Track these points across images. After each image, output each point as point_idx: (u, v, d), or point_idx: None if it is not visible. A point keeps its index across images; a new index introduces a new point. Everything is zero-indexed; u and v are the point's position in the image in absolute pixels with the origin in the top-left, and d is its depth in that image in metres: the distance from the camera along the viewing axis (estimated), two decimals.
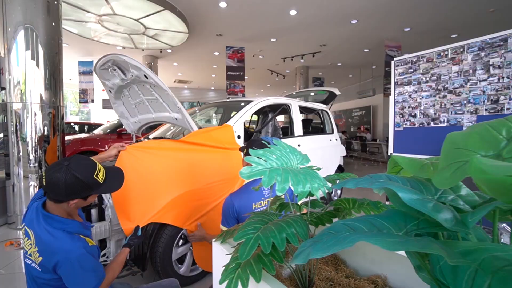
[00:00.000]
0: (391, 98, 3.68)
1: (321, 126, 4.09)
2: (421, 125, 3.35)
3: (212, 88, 16.11)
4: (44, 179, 0.98)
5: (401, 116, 3.57)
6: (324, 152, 3.58)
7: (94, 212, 1.72)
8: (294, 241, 0.44)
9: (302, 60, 9.80)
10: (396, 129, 3.63)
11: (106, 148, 5.29)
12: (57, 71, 3.29)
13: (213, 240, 0.69)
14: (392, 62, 3.60)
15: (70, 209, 1.08)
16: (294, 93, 5.07)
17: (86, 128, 8.82)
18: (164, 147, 1.86)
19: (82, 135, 5.68)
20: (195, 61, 10.39)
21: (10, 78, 2.99)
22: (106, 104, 12.90)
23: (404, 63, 3.51)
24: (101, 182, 1.09)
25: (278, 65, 10.74)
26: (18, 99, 3.00)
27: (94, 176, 1.05)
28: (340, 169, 4.00)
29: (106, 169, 1.16)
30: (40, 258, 0.99)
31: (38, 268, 1.02)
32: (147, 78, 1.93)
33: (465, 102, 2.90)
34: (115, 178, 1.19)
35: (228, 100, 3.24)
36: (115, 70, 2.16)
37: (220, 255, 0.64)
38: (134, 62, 1.88)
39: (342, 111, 15.28)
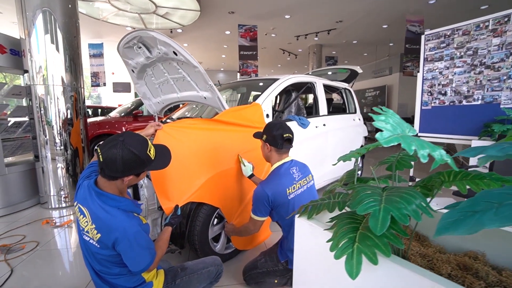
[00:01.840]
0: (419, 75, 3.49)
1: (342, 105, 3.98)
2: (451, 103, 3.19)
3: (222, 69, 15.83)
4: (100, 156, 0.97)
5: (429, 94, 3.40)
6: (349, 132, 3.51)
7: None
8: (426, 212, 0.40)
9: (316, 38, 9.41)
10: (423, 107, 3.47)
11: (123, 130, 5.34)
12: (76, 54, 3.26)
13: (297, 215, 0.66)
14: (423, 37, 3.38)
15: (123, 186, 1.07)
16: (310, 72, 4.89)
17: (99, 111, 8.90)
18: (199, 127, 1.83)
19: (98, 118, 5.72)
20: (205, 41, 10.13)
21: (32, 60, 2.97)
22: (117, 87, 12.94)
23: (436, 37, 3.28)
24: (153, 158, 1.07)
25: (290, 43, 10.37)
26: (41, 81, 3.00)
27: (147, 152, 1.03)
28: None
29: (155, 146, 1.14)
30: (99, 235, 1.00)
31: (96, 244, 1.03)
32: (176, 54, 1.86)
33: (504, 77, 2.71)
34: (164, 155, 1.17)
35: (250, 78, 3.15)
36: (140, 48, 2.09)
37: (307, 230, 0.61)
38: (163, 37, 1.80)
39: (355, 91, 14.86)
